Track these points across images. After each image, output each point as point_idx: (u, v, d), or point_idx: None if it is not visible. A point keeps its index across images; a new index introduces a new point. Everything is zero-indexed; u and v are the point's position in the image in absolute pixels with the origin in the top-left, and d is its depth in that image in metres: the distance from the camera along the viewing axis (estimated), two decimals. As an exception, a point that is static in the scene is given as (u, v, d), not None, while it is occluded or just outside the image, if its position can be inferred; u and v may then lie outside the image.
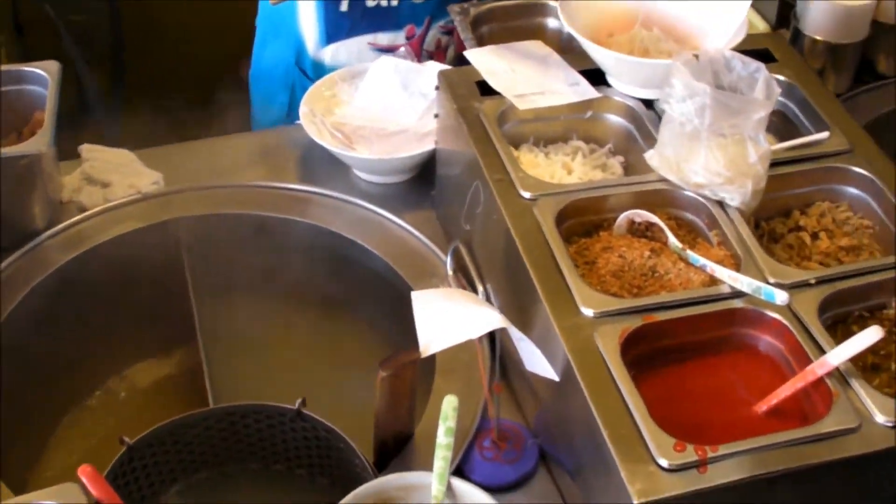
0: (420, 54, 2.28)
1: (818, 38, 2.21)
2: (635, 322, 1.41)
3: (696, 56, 1.57)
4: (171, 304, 1.86)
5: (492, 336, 1.60)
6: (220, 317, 1.85)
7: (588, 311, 1.42)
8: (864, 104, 2.23)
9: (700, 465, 1.25)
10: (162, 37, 3.48)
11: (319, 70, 2.23)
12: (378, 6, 2.20)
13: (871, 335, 1.33)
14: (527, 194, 1.57)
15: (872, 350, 1.40)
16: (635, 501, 1.22)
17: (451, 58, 2.33)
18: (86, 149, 1.98)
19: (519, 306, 1.52)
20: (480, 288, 1.67)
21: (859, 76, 2.30)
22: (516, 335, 1.40)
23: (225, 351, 1.80)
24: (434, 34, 2.29)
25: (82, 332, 1.85)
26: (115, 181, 1.93)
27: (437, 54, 2.32)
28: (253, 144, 2.10)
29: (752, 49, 1.72)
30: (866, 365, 1.43)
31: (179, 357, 1.94)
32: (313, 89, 2.04)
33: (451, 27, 2.25)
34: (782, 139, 1.71)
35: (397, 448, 1.55)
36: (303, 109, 1.99)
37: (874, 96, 2.27)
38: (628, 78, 1.75)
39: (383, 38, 2.25)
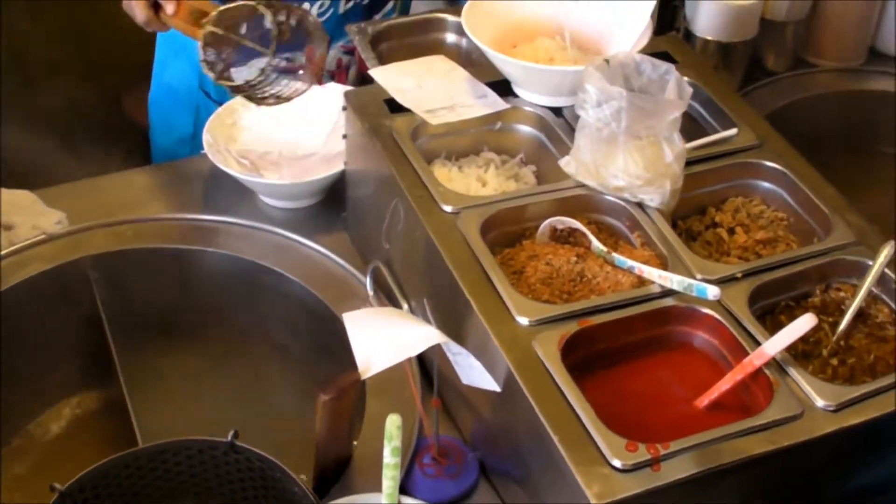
0: (321, 75, 2.26)
1: (709, 38, 2.26)
2: (571, 328, 1.41)
3: (607, 61, 1.59)
4: (87, 344, 1.83)
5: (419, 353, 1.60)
6: (139, 353, 1.82)
7: (523, 320, 1.42)
8: (757, 100, 2.29)
9: (653, 463, 1.26)
10: (36, 71, 3.41)
11: (222, 92, 2.20)
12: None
13: (805, 323, 1.36)
14: (449, 208, 1.57)
15: (802, 338, 1.43)
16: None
17: (353, 77, 2.32)
18: (-16, 192, 1.94)
19: (451, 321, 1.51)
20: (405, 305, 1.67)
21: (750, 73, 2.36)
22: (454, 349, 1.40)
23: (148, 387, 1.77)
24: (335, 54, 2.28)
25: (-2, 378, 1.80)
26: (18, 223, 1.88)
27: (339, 75, 2.31)
28: (156, 177, 2.07)
29: (653, 52, 1.73)
30: (797, 353, 1.46)
31: (101, 396, 1.90)
32: (214, 118, 2.01)
33: (352, 47, 2.24)
34: (690, 139, 1.73)
35: (337, 472, 1.53)
36: (206, 139, 1.97)
37: (765, 93, 2.34)
38: (537, 87, 1.76)
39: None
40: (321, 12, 2.20)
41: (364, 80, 1.92)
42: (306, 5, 2.14)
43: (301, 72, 1.80)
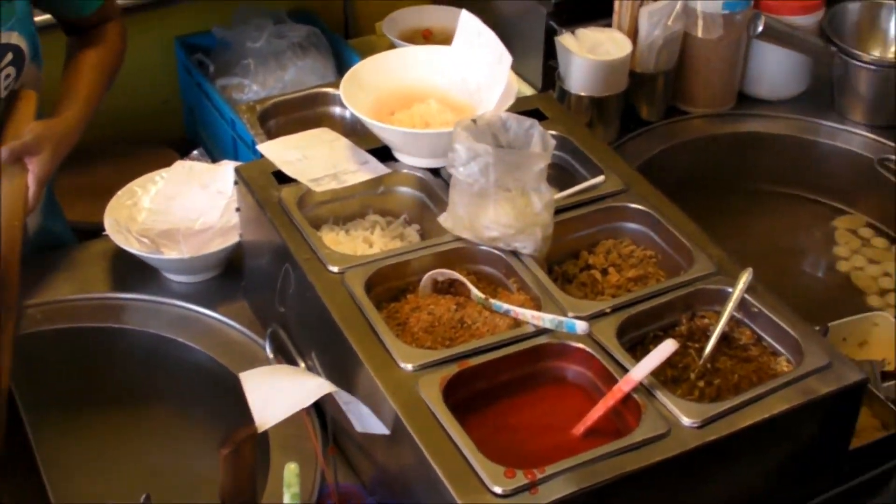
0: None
1: (582, 94, 2.36)
2: (452, 370, 1.50)
3: (474, 121, 1.69)
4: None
5: (318, 406, 1.68)
6: (52, 428, 1.87)
7: (407, 366, 1.51)
8: (633, 149, 2.39)
9: (531, 486, 1.35)
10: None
11: None
12: None
13: (666, 348, 1.46)
14: (335, 268, 1.66)
15: (670, 364, 1.54)
16: (476, 529, 1.32)
17: None
18: None
19: (343, 373, 1.60)
20: (302, 364, 1.74)
21: (626, 125, 2.46)
22: (345, 398, 1.49)
23: (62, 460, 1.83)
24: None
25: None
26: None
27: None
28: (61, 261, 2.13)
29: (524, 110, 1.84)
30: (667, 378, 1.56)
31: (16, 471, 1.94)
32: (114, 200, 2.08)
33: None
34: (562, 188, 1.83)
35: (244, 526, 1.60)
36: (107, 221, 2.04)
37: (640, 141, 2.44)
38: (414, 150, 1.86)
39: None
40: None
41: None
42: None
43: None
